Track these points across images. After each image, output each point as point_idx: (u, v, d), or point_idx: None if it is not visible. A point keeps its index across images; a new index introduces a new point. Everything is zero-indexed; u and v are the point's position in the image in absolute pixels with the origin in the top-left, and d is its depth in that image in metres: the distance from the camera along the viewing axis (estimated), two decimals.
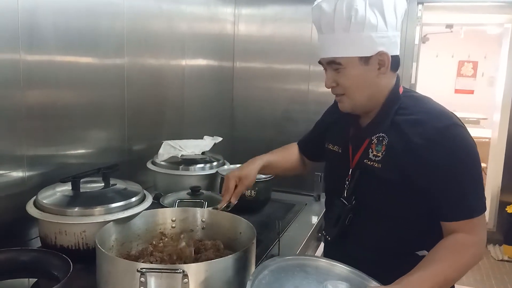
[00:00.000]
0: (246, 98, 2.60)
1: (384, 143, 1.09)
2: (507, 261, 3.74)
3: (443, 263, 0.97)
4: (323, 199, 1.94)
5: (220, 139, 1.93)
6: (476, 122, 6.24)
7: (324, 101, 2.36)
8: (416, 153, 1.03)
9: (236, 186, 1.29)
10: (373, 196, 1.12)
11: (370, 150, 1.12)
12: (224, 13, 2.44)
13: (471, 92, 7.06)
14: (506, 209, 3.75)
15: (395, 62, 1.10)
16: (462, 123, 1.07)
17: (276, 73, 2.51)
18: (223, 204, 1.25)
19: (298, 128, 2.46)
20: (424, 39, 6.02)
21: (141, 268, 0.80)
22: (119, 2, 1.62)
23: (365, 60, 1.06)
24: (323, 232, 1.26)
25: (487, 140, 4.53)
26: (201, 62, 2.29)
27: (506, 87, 3.85)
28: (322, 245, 1.86)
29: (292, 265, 0.97)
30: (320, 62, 1.13)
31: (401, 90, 1.14)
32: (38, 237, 1.24)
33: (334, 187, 1.23)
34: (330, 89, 1.15)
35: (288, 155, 1.47)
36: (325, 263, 1.01)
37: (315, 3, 1.09)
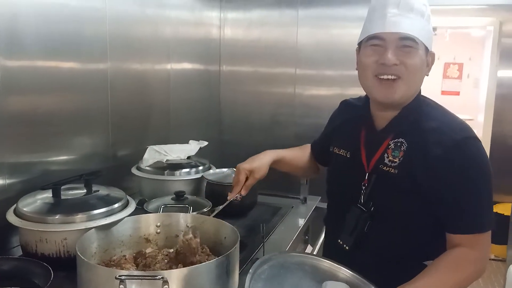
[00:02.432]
0: (233, 101, 2.60)
1: (402, 148, 1.07)
2: (494, 259, 3.79)
3: (445, 276, 0.97)
4: (309, 202, 1.96)
5: (205, 143, 1.92)
6: None
7: (311, 104, 2.42)
8: (433, 163, 1.02)
9: (247, 179, 1.27)
10: (390, 202, 1.10)
11: (386, 155, 1.09)
12: (209, 17, 2.44)
13: (457, 93, 7.15)
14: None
15: None
16: (477, 136, 1.07)
17: (263, 77, 2.52)
18: (232, 196, 1.25)
19: (285, 131, 2.47)
20: None
21: (119, 276, 0.79)
22: (102, 7, 1.61)
23: (426, 52, 1.08)
24: (339, 241, 1.17)
25: None
26: (186, 66, 2.29)
27: (489, 88, 3.91)
28: (309, 247, 1.87)
29: (292, 262, 0.97)
30: (376, 37, 1.05)
31: None
32: (19, 246, 1.22)
33: (347, 193, 1.18)
34: (373, 72, 1.06)
35: (302, 155, 1.44)
36: (325, 263, 1.01)
37: None
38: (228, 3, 2.51)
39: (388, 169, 1.08)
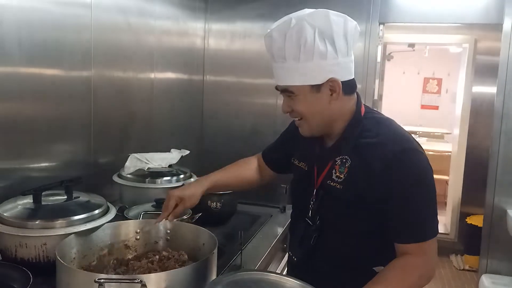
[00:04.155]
0: (215, 111, 2.64)
1: (347, 165, 1.11)
2: (467, 270, 3.88)
3: (392, 282, 1.00)
4: (288, 211, 1.98)
5: (187, 152, 1.95)
6: (441, 137, 6.48)
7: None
8: (375, 176, 1.06)
9: (177, 205, 1.25)
10: (336, 217, 1.14)
11: (334, 171, 1.13)
12: (194, 28, 2.49)
13: (436, 108, 7.34)
14: (466, 219, 3.90)
15: (349, 86, 1.10)
16: (421, 148, 1.10)
17: (246, 88, 2.57)
18: (159, 221, 1.23)
19: (266, 141, 2.45)
20: (388, 57, 6.21)
21: (98, 279, 0.81)
22: (86, 14, 1.63)
23: (317, 87, 1.07)
24: (289, 252, 1.24)
25: (450, 153, 4.73)
26: (170, 75, 2.32)
27: (464, 103, 4.04)
28: (287, 256, 1.90)
29: (247, 280, 0.98)
30: (276, 88, 1.15)
31: (363, 111, 1.15)
32: None
33: (299, 206, 1.24)
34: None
35: (240, 171, 1.44)
36: (275, 277, 1.01)
37: (267, 32, 1.09)
38: (213, 14, 2.57)
39: (335, 184, 1.12)
